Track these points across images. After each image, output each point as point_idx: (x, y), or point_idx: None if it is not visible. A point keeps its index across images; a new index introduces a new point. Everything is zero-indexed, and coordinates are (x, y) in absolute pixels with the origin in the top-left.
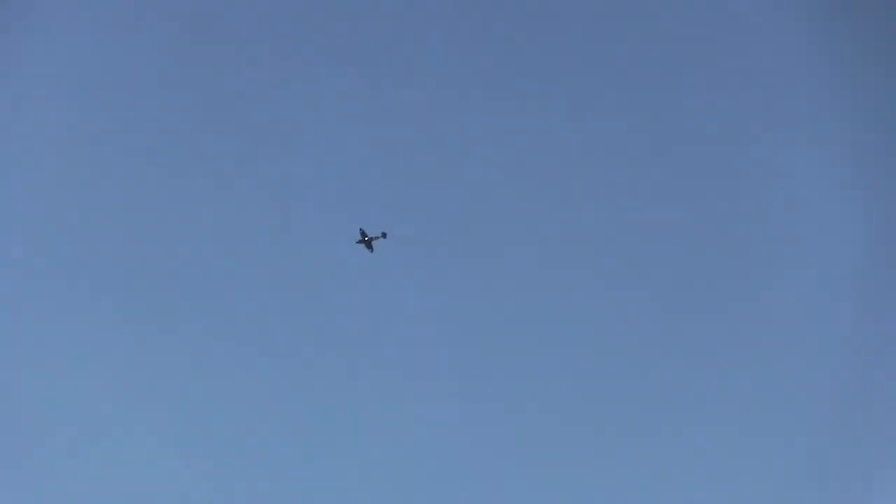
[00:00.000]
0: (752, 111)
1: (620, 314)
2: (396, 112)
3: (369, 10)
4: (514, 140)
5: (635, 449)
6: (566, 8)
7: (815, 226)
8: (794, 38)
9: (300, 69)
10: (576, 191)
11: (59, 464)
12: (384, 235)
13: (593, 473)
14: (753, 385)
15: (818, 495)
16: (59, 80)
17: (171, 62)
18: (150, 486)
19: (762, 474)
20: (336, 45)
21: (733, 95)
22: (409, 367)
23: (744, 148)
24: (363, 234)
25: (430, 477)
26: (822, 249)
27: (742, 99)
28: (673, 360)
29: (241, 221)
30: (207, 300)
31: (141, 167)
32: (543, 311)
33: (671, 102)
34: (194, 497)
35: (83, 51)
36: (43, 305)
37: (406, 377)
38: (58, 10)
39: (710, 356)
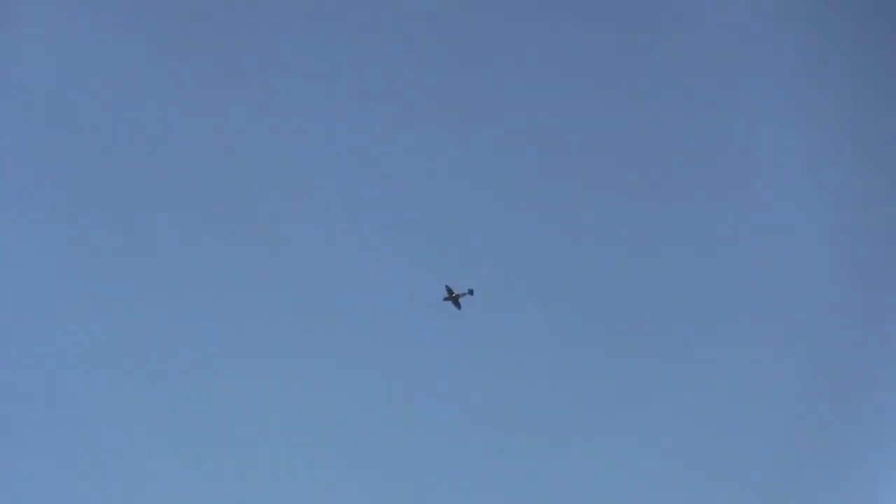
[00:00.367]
0: (754, 111)
1: (615, 310)
2: (390, 104)
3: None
4: (512, 137)
5: (627, 446)
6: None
7: (817, 225)
8: (794, 36)
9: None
10: (572, 187)
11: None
12: (471, 292)
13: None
14: (750, 381)
15: (815, 494)
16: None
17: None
18: (150, 486)
19: (761, 472)
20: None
21: (735, 93)
22: (405, 364)
23: (743, 146)
24: (449, 291)
25: (427, 472)
26: (824, 248)
27: (743, 98)
28: (669, 357)
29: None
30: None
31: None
32: (532, 304)
33: (671, 101)
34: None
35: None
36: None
37: (403, 374)
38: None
39: (706, 353)
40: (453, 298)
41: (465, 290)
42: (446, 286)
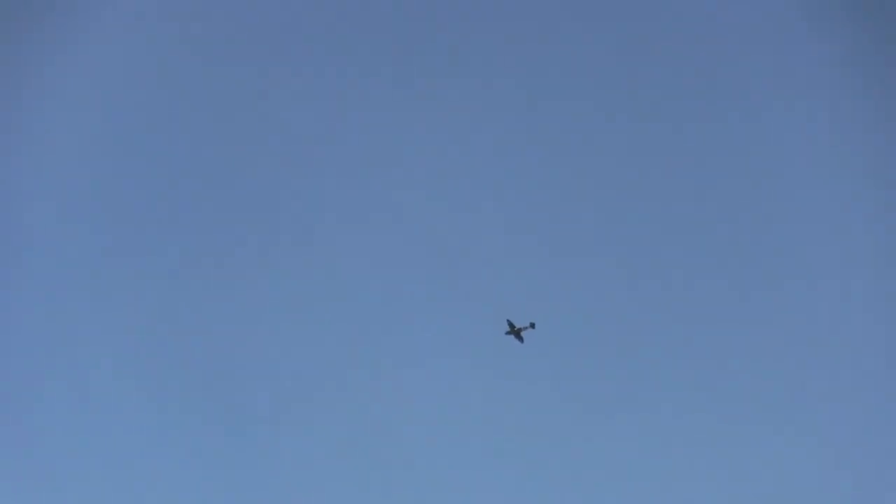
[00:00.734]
0: (758, 112)
1: (616, 310)
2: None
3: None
4: (512, 137)
5: (642, 448)
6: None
7: (818, 225)
8: (797, 36)
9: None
10: (573, 187)
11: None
12: (532, 326)
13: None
14: (750, 381)
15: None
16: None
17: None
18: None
19: (760, 472)
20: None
21: (737, 94)
22: (405, 364)
23: (749, 146)
24: (511, 325)
25: (427, 472)
26: (824, 248)
27: (748, 99)
28: (669, 357)
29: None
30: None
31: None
32: (532, 304)
33: (675, 101)
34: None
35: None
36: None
37: (403, 373)
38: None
39: (706, 353)
40: (515, 332)
41: (527, 325)
42: (508, 321)
